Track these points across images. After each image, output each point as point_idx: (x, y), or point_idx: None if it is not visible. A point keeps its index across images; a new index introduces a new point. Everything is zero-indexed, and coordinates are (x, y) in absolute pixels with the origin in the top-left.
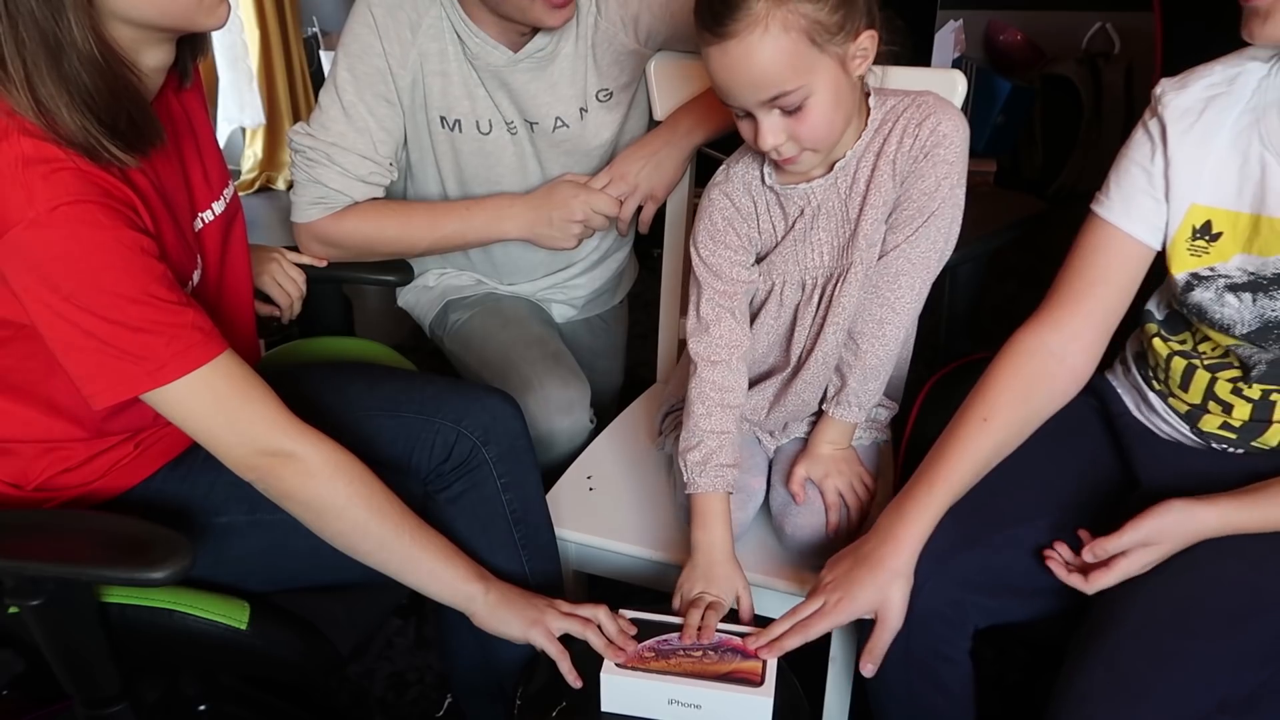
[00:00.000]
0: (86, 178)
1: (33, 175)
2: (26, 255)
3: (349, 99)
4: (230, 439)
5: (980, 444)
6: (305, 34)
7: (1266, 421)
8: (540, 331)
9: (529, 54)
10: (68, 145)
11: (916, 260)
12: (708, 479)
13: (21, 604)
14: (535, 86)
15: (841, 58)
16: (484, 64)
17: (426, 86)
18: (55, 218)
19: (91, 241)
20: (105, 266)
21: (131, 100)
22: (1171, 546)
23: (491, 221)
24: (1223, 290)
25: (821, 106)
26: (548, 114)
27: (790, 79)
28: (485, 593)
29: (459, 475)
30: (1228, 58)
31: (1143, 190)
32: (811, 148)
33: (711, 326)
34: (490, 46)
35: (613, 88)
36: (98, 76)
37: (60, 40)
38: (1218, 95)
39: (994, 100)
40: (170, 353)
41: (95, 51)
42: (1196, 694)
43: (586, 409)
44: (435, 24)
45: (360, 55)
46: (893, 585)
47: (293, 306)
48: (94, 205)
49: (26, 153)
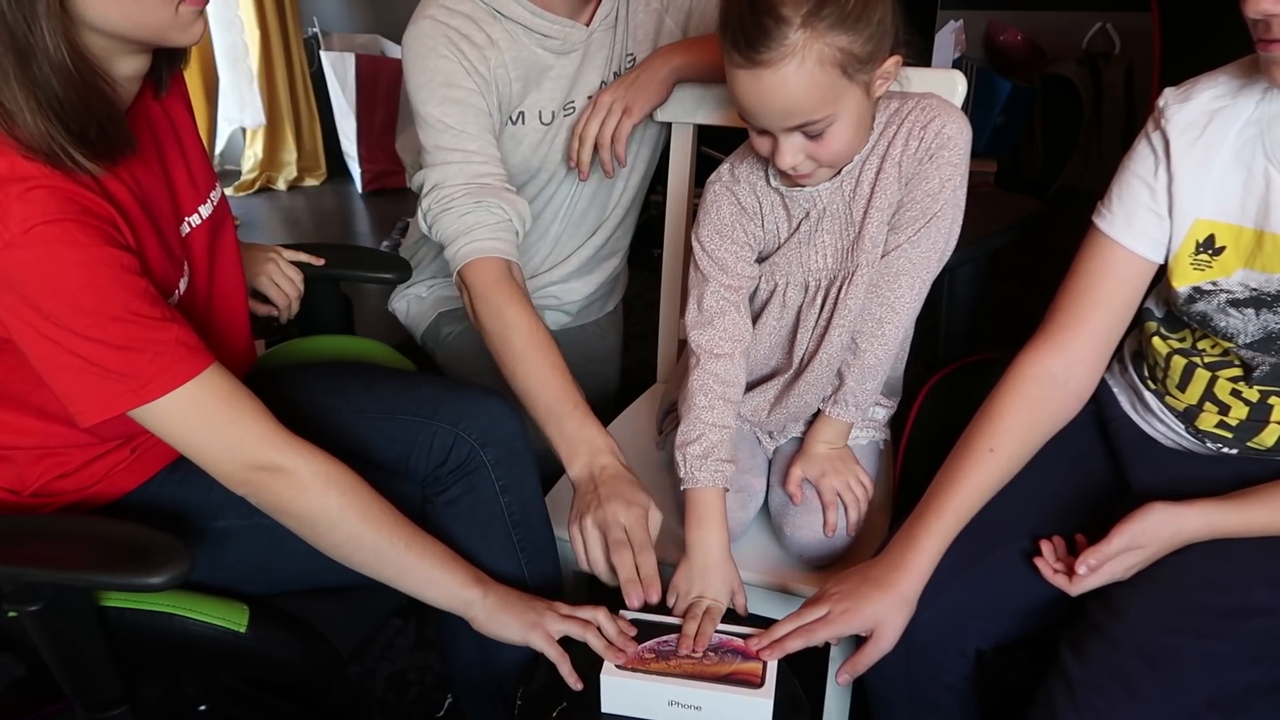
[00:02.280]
0: (62, 195)
1: (7, 195)
2: (5, 276)
3: (454, 122)
4: (219, 454)
5: (987, 473)
6: (305, 34)
7: (1263, 422)
8: None
9: (600, 20)
10: (27, 150)
11: (918, 260)
12: (707, 473)
13: (20, 609)
14: (604, 54)
15: (868, 84)
16: (569, 45)
17: (500, 95)
18: (31, 238)
19: (69, 261)
20: (84, 285)
21: (103, 109)
22: (1156, 549)
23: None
24: (1225, 304)
25: (844, 131)
26: (600, 81)
27: (819, 109)
28: (483, 597)
29: (457, 478)
30: (1232, 67)
31: (1145, 205)
32: (828, 165)
33: (716, 319)
34: (569, 27)
35: (636, 54)
36: (68, 84)
37: (31, 45)
38: (1222, 108)
39: (994, 100)
40: (154, 369)
41: (66, 59)
42: (1186, 692)
43: None
44: (505, 36)
45: (448, 85)
46: (897, 609)
47: (291, 306)
48: (71, 223)
49: (1, 172)
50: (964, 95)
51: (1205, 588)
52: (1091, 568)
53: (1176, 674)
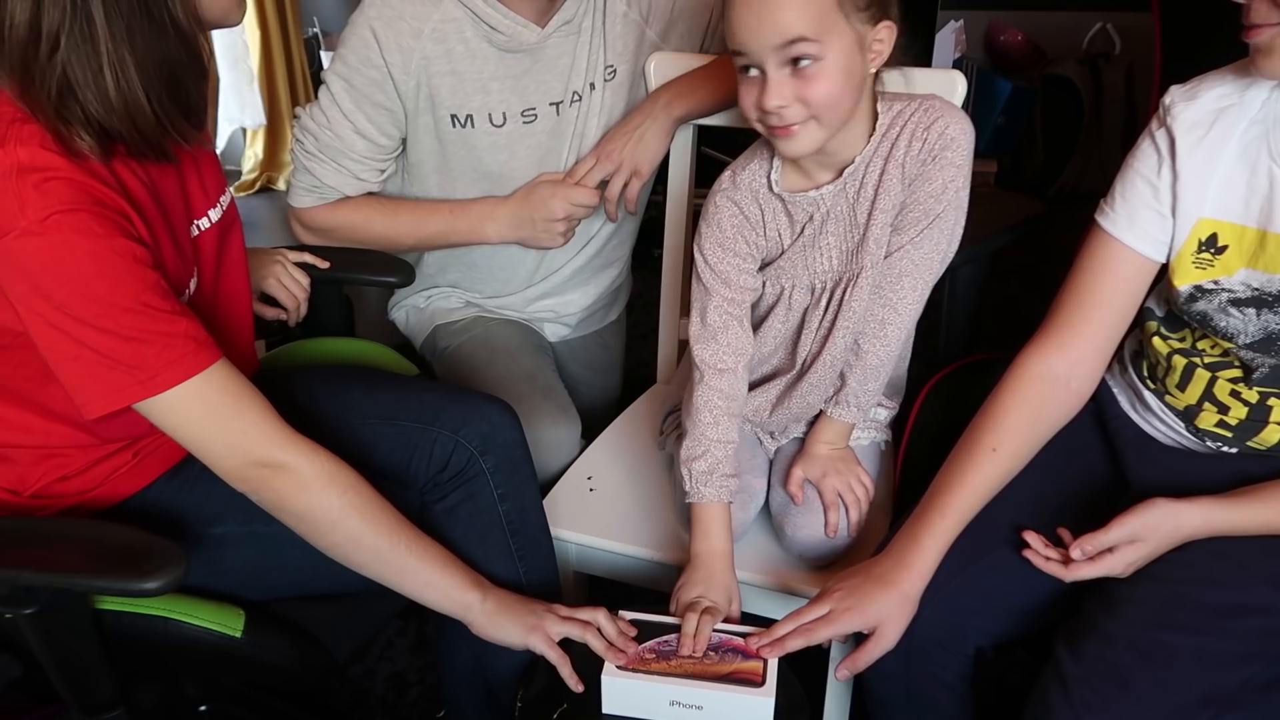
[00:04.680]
0: (79, 187)
1: (25, 184)
2: (19, 264)
3: (347, 107)
4: (222, 450)
5: (989, 473)
6: (306, 34)
7: (1263, 422)
8: (529, 365)
9: (556, 26)
10: (129, 129)
11: (920, 261)
12: (713, 489)
13: (15, 612)
14: (563, 62)
15: (860, 38)
16: (516, 44)
17: (433, 88)
18: (48, 226)
19: (84, 250)
20: (98, 275)
21: (202, 81)
22: (1156, 545)
23: (476, 224)
24: (1226, 304)
25: (833, 73)
26: (568, 89)
27: (811, 28)
28: (483, 601)
29: (456, 485)
30: (1239, 66)
31: (1148, 205)
32: (816, 115)
33: (719, 334)
34: (521, 25)
35: (617, 65)
36: (185, 53)
37: (164, 17)
38: (1229, 106)
39: (995, 101)
40: (163, 362)
41: (189, 28)
42: (1180, 688)
43: (576, 444)
44: (440, 28)
45: (357, 68)
46: (900, 607)
47: (299, 308)
48: (86, 214)
49: (21, 161)
50: (964, 96)
51: (1202, 585)
52: (1086, 553)
53: (1170, 670)
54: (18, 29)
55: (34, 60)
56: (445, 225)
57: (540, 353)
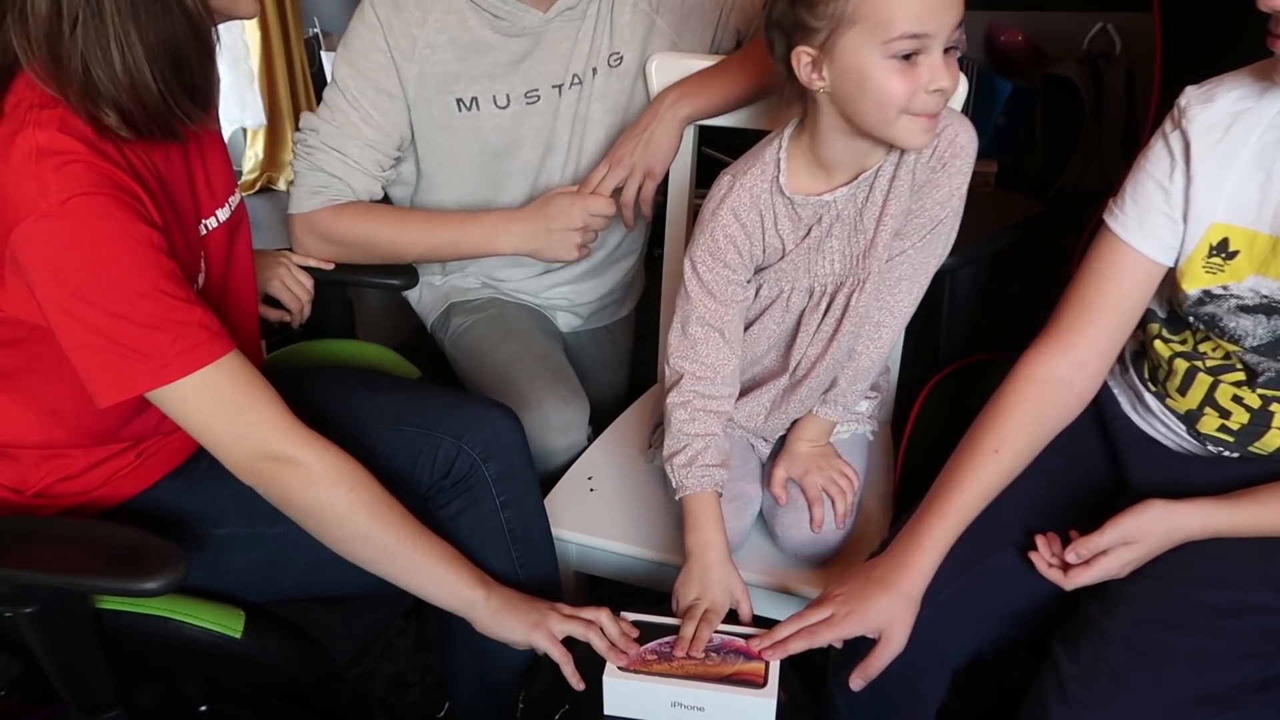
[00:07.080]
0: (98, 170)
1: (45, 167)
2: (38, 247)
3: (353, 94)
4: (231, 441)
5: (991, 474)
6: (306, 35)
7: (1265, 427)
8: (542, 347)
9: (559, 11)
10: (86, 118)
11: (920, 266)
12: (694, 479)
13: (15, 611)
14: (564, 46)
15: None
16: (518, 28)
17: (438, 75)
18: (67, 209)
19: (102, 233)
20: (115, 259)
21: (211, 64)
22: (1152, 546)
23: (488, 235)
24: (1234, 309)
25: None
26: (567, 71)
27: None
28: (487, 598)
29: (458, 492)
30: (1256, 68)
31: (1159, 209)
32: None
33: (699, 345)
34: (523, 10)
35: (624, 53)
36: (190, 33)
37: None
38: (1246, 110)
39: (995, 101)
40: (176, 350)
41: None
42: (1176, 687)
43: (584, 428)
44: (443, 18)
45: (363, 52)
46: (902, 608)
47: (303, 310)
48: (106, 198)
49: (40, 145)
50: (964, 96)
51: (1199, 585)
52: (1081, 556)
53: (1166, 669)
54: (39, 8)
55: (59, 38)
56: (455, 235)
57: (552, 339)
